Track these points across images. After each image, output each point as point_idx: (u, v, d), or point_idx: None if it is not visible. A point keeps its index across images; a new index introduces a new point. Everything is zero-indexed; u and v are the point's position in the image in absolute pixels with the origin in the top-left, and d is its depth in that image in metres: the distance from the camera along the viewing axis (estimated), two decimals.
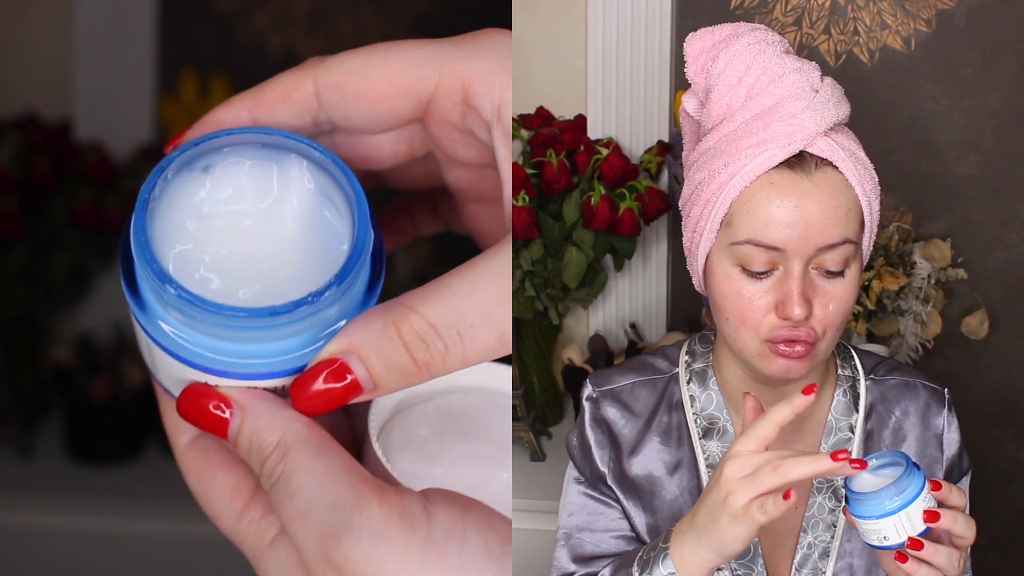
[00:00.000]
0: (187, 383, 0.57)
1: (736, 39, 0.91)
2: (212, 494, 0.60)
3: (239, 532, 0.59)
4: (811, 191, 0.85)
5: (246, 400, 0.57)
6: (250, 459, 0.57)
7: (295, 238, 0.57)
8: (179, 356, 0.55)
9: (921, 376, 1.02)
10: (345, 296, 0.55)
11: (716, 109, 0.91)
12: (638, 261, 1.67)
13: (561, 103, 1.67)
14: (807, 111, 0.86)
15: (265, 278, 0.56)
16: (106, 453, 2.01)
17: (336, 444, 0.57)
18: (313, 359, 0.55)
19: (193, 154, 0.57)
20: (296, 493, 0.54)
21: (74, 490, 1.95)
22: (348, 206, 0.57)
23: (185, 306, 0.53)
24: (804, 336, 0.86)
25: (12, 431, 2.02)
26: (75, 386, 2.00)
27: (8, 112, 2.02)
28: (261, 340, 0.54)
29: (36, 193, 1.93)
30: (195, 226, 0.56)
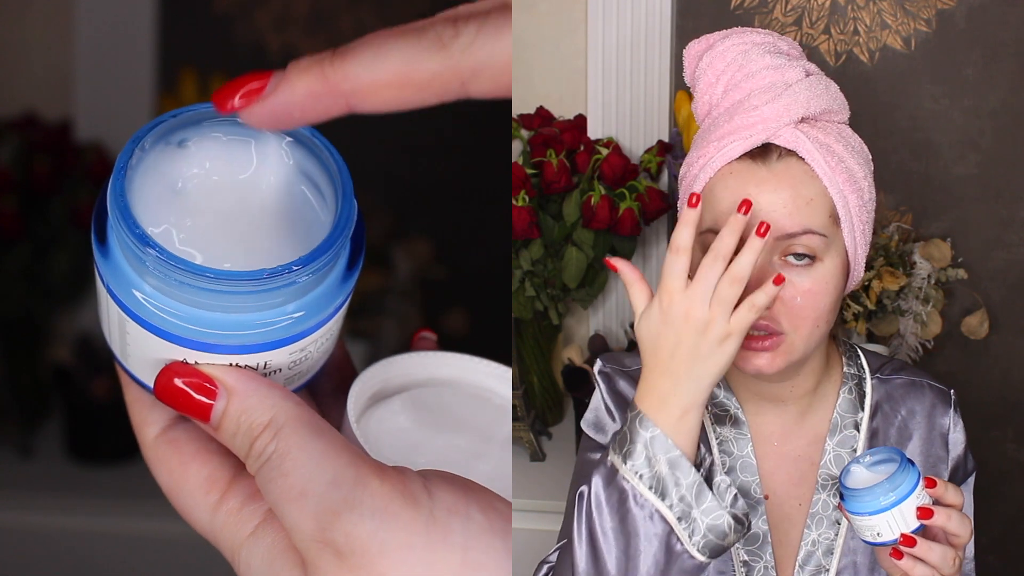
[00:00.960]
0: (161, 364, 0.55)
1: (723, 40, 0.93)
2: (184, 487, 0.58)
3: (215, 525, 0.57)
4: (767, 179, 0.86)
5: (232, 380, 0.55)
6: (235, 441, 0.55)
7: (273, 213, 0.56)
8: (157, 329, 0.54)
9: (927, 376, 1.02)
10: (327, 268, 0.54)
11: (700, 107, 0.94)
12: (638, 261, 1.67)
13: (561, 103, 1.67)
14: (770, 103, 0.87)
15: (245, 250, 0.55)
16: (106, 453, 2.01)
17: (328, 424, 0.55)
18: None
19: (169, 127, 0.56)
20: (291, 472, 0.53)
21: (74, 490, 1.95)
22: (331, 184, 0.57)
23: (171, 272, 0.51)
24: (763, 326, 0.85)
25: (12, 431, 2.03)
26: (75, 386, 2.00)
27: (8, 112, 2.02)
28: (244, 309, 0.53)
29: (36, 193, 1.93)
30: (171, 200, 0.55)
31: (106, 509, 1.91)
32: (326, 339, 0.58)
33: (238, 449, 0.55)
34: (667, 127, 1.64)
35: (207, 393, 0.55)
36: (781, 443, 0.97)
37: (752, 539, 0.96)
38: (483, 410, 0.69)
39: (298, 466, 0.53)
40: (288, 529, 0.53)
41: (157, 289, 0.53)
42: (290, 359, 0.56)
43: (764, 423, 0.98)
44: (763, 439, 0.98)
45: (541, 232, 1.49)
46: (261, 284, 0.52)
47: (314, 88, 0.53)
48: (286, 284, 0.52)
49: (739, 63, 0.90)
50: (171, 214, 0.54)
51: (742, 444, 0.97)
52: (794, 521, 0.97)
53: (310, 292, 0.54)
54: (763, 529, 0.96)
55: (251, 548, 0.56)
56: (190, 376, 0.55)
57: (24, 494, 1.93)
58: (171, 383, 0.55)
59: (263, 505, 0.56)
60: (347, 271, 0.57)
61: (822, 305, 0.87)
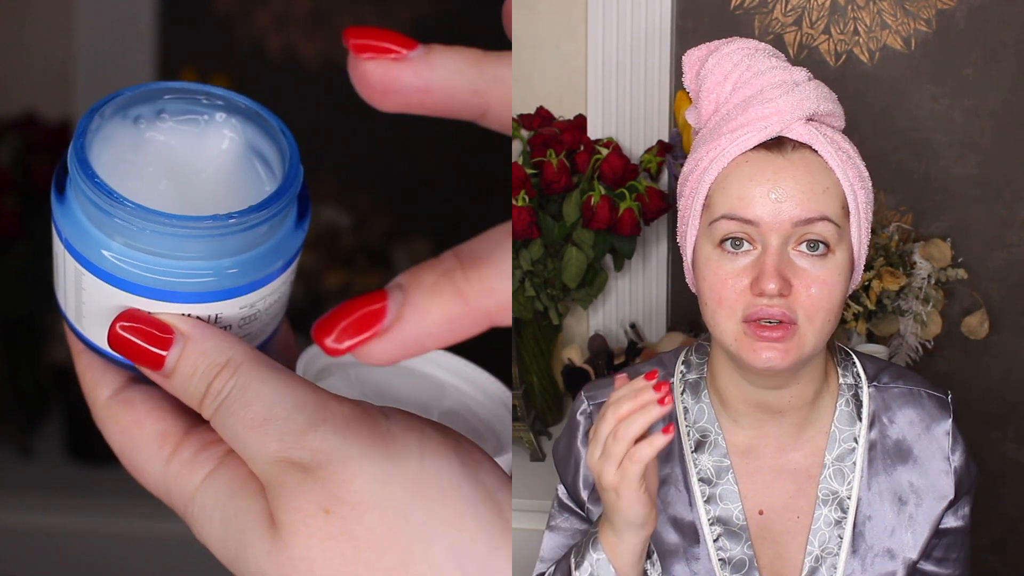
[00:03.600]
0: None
1: (727, 44, 0.94)
2: (137, 444, 0.59)
3: (168, 477, 0.57)
4: (785, 167, 0.87)
5: (188, 326, 0.56)
6: (191, 383, 0.55)
7: (225, 190, 0.58)
8: (123, 282, 0.55)
9: (924, 384, 1.01)
10: (274, 223, 0.56)
11: (705, 106, 0.94)
12: (638, 261, 1.67)
13: (561, 103, 1.67)
14: (785, 96, 0.88)
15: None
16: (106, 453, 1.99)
17: (283, 366, 0.56)
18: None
19: (127, 100, 0.58)
20: (253, 401, 0.54)
21: (74, 490, 1.95)
22: (280, 157, 0.59)
23: (139, 220, 0.53)
24: (781, 316, 0.85)
25: (12, 431, 2.03)
26: (75, 386, 2.00)
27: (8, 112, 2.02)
28: (197, 256, 0.55)
29: (36, 193, 1.93)
30: (123, 171, 0.57)
31: (106, 509, 1.91)
32: (274, 299, 0.59)
33: (193, 391, 0.55)
34: (667, 127, 1.64)
35: (161, 342, 0.56)
36: (777, 456, 0.97)
37: (738, 566, 0.95)
38: (422, 387, 0.72)
39: (260, 395, 0.54)
40: (249, 459, 0.54)
41: (114, 239, 0.55)
42: (240, 314, 0.58)
43: (759, 436, 0.97)
44: (758, 452, 0.97)
45: (541, 232, 1.49)
46: (212, 228, 0.53)
47: (453, 312, 0.52)
48: (235, 230, 0.54)
49: (747, 63, 0.91)
50: (123, 184, 0.56)
51: (721, 471, 0.97)
52: (793, 534, 0.96)
53: (259, 245, 0.56)
54: (748, 555, 0.95)
55: (205, 491, 0.56)
56: (145, 322, 0.56)
57: (24, 494, 1.93)
58: (126, 328, 0.56)
59: (216, 452, 0.57)
60: (294, 229, 0.58)
61: (835, 298, 0.87)
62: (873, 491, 0.96)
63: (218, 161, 0.59)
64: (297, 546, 0.52)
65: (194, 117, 0.60)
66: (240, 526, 0.54)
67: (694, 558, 0.96)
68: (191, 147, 0.59)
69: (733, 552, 0.95)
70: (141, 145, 0.59)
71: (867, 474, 0.96)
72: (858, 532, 0.96)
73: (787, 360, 0.86)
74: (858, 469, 0.96)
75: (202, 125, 0.60)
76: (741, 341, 0.87)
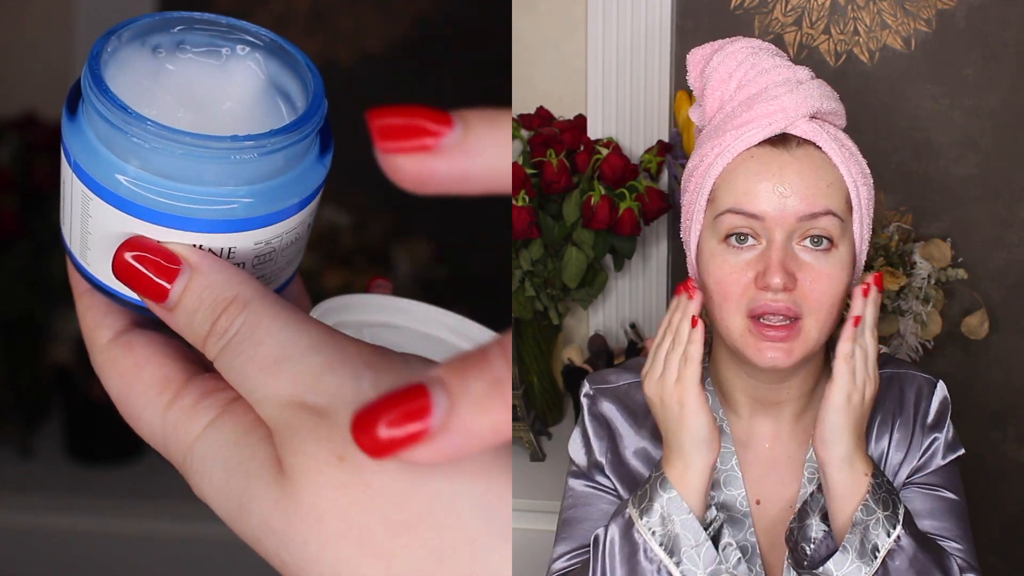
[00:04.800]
0: None
1: (731, 44, 0.96)
2: (136, 388, 0.54)
3: (167, 424, 0.53)
4: (790, 162, 0.88)
5: (196, 257, 0.52)
6: (196, 318, 0.51)
7: (244, 121, 0.56)
8: (133, 206, 0.52)
9: (914, 368, 1.02)
10: (294, 153, 0.54)
11: (710, 104, 0.95)
12: (638, 261, 1.67)
13: (561, 103, 1.67)
14: (789, 94, 0.89)
15: None
16: (106, 453, 2.01)
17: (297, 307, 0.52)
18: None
19: (145, 27, 0.56)
20: (264, 341, 0.50)
21: (74, 490, 1.95)
22: (304, 92, 0.57)
23: (154, 138, 0.51)
24: (786, 311, 0.86)
25: (12, 431, 2.02)
26: (75, 386, 2.00)
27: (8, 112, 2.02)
28: (224, 179, 0.52)
29: (36, 193, 1.93)
30: (141, 99, 0.55)
31: (106, 509, 1.91)
32: (291, 239, 0.57)
33: (197, 328, 0.52)
34: (667, 127, 1.64)
35: (167, 272, 0.52)
36: (772, 446, 0.98)
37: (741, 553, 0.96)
38: (439, 353, 0.70)
39: (272, 334, 0.50)
40: (257, 402, 0.50)
41: (126, 160, 0.52)
42: (255, 250, 0.55)
43: (757, 427, 0.98)
44: (755, 444, 0.98)
45: (541, 232, 1.49)
46: (230, 149, 0.51)
47: (502, 422, 0.47)
48: (252, 154, 0.52)
49: (751, 62, 0.92)
50: (138, 110, 0.53)
51: (726, 457, 0.97)
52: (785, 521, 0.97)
53: (277, 176, 0.54)
54: (750, 541, 0.96)
55: (206, 440, 0.52)
56: (151, 250, 0.52)
57: (24, 494, 1.93)
58: (131, 256, 0.52)
59: (220, 399, 0.53)
60: (315, 164, 0.56)
61: (837, 292, 0.88)
62: None
63: (238, 94, 0.56)
64: (307, 494, 0.48)
65: (215, 49, 0.57)
66: (245, 473, 0.50)
67: None
68: (211, 79, 0.56)
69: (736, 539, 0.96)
70: (159, 74, 0.56)
71: None
72: None
73: (791, 359, 0.88)
74: None
75: (224, 58, 0.57)
76: (746, 338, 0.88)
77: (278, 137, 0.52)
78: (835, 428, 0.87)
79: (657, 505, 0.87)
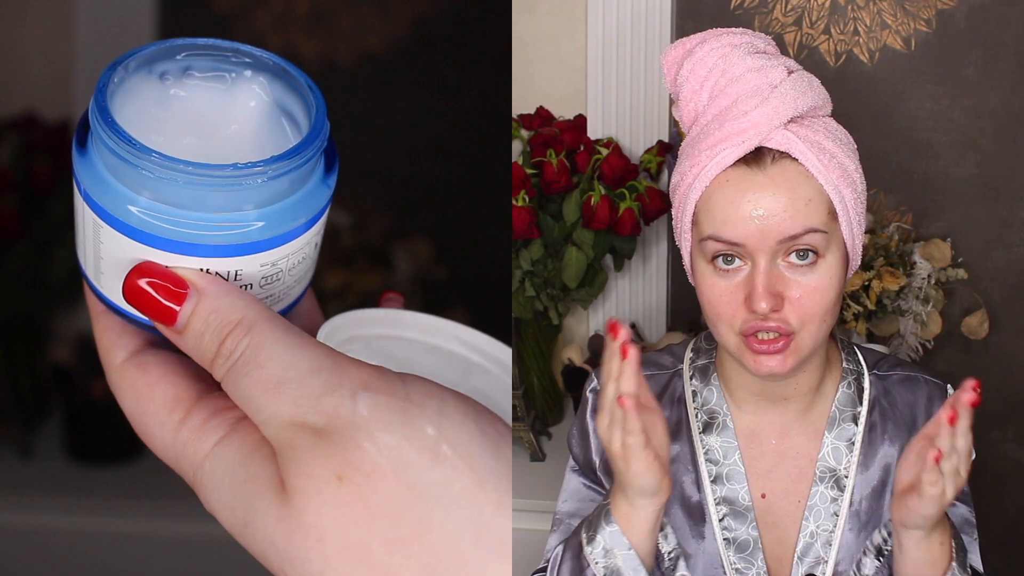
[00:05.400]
0: None
1: (702, 45, 0.93)
2: (149, 409, 0.57)
3: (178, 443, 0.55)
4: (765, 185, 0.87)
5: (203, 282, 0.54)
6: (203, 341, 0.54)
7: (251, 149, 0.57)
8: (141, 234, 0.54)
9: (924, 371, 1.03)
10: (298, 176, 0.55)
11: (685, 114, 0.94)
12: (638, 261, 1.67)
13: (561, 103, 1.67)
14: (759, 107, 0.87)
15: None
16: (106, 453, 2.01)
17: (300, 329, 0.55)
18: None
19: (151, 56, 0.57)
20: (266, 363, 0.52)
21: (74, 490, 1.95)
22: (307, 114, 0.58)
23: (159, 169, 0.52)
24: (774, 327, 0.87)
25: (12, 431, 2.02)
26: (75, 386, 2.00)
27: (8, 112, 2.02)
28: (229, 205, 0.53)
29: (36, 193, 1.93)
30: (149, 126, 0.56)
31: (106, 509, 1.91)
32: (298, 260, 0.58)
33: (205, 350, 0.54)
34: (667, 127, 1.64)
35: (175, 296, 0.54)
36: (780, 440, 0.98)
37: (743, 546, 0.96)
38: (448, 364, 0.70)
39: (274, 357, 0.52)
40: (261, 423, 0.52)
41: (134, 191, 0.54)
42: (261, 272, 0.56)
43: (763, 421, 0.98)
44: (761, 438, 0.98)
45: (541, 232, 1.49)
46: (235, 177, 0.52)
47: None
48: (257, 180, 0.53)
49: (721, 68, 0.90)
50: (146, 138, 0.54)
51: (729, 452, 0.98)
52: (794, 517, 0.97)
53: (282, 199, 0.55)
54: (753, 535, 0.96)
55: (215, 458, 0.54)
56: (160, 275, 0.54)
57: (24, 494, 1.93)
58: (140, 280, 0.55)
59: (228, 419, 0.55)
60: (320, 184, 0.57)
61: (828, 300, 0.88)
62: (871, 470, 0.98)
63: (245, 118, 0.58)
64: (308, 513, 0.50)
65: (221, 74, 0.58)
66: (249, 492, 0.52)
67: (700, 537, 0.97)
68: (218, 104, 0.58)
69: (738, 532, 0.96)
70: (166, 101, 0.57)
71: (865, 454, 0.98)
72: (854, 511, 0.97)
73: (787, 366, 0.88)
74: (857, 448, 0.97)
75: (229, 82, 0.58)
76: (743, 352, 0.90)
77: (281, 163, 0.53)
78: (921, 524, 0.86)
79: (600, 537, 0.88)
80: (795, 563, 0.96)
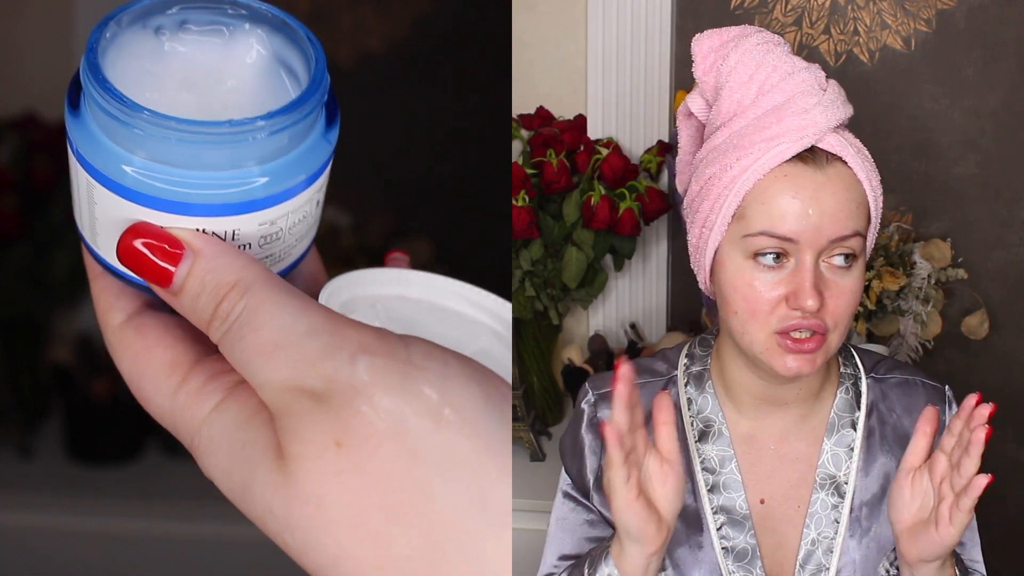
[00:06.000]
0: None
1: (745, 39, 0.93)
2: (147, 372, 0.55)
3: (176, 406, 0.54)
4: (824, 184, 0.87)
5: (199, 242, 0.53)
6: (199, 303, 0.52)
7: (251, 103, 0.55)
8: (135, 194, 0.52)
9: (921, 374, 1.02)
10: (297, 132, 0.53)
11: (727, 106, 0.92)
12: (638, 261, 1.67)
13: (561, 103, 1.67)
14: (818, 107, 0.88)
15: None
16: (106, 453, 2.01)
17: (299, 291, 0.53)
18: None
19: (145, 10, 0.56)
20: (263, 325, 0.50)
21: (74, 490, 1.95)
22: (307, 67, 0.56)
23: (153, 127, 0.50)
24: (815, 327, 0.87)
25: (12, 431, 2.02)
26: (75, 386, 2.00)
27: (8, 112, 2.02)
28: (226, 163, 0.52)
29: (36, 193, 1.93)
30: (144, 82, 0.54)
31: (106, 509, 1.91)
32: (298, 218, 0.57)
33: (201, 312, 0.52)
34: (667, 127, 1.64)
35: (170, 257, 0.53)
36: (779, 446, 0.98)
37: (740, 555, 0.96)
38: (455, 325, 0.68)
39: (271, 319, 0.50)
40: (258, 386, 0.51)
41: (129, 150, 0.52)
42: (260, 231, 0.55)
43: (763, 426, 0.98)
44: (759, 442, 0.98)
45: (541, 232, 1.49)
46: (230, 133, 0.51)
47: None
48: (255, 136, 0.51)
49: (772, 63, 0.90)
50: (141, 95, 0.53)
51: (725, 460, 0.97)
52: (794, 523, 0.97)
53: (281, 155, 0.53)
54: (750, 543, 0.96)
55: (212, 423, 0.53)
56: (155, 235, 0.53)
57: (24, 494, 1.93)
58: (135, 242, 0.53)
59: (226, 382, 0.54)
60: (320, 140, 0.55)
61: (856, 303, 0.89)
62: (871, 476, 0.97)
63: (243, 72, 0.56)
64: (306, 480, 0.48)
65: (219, 28, 0.56)
66: (247, 458, 0.51)
67: (698, 547, 0.97)
68: (215, 58, 0.56)
69: (736, 541, 0.96)
70: (161, 56, 0.55)
71: (865, 459, 0.97)
72: (855, 517, 0.97)
73: (813, 367, 0.88)
74: (856, 454, 0.97)
75: (227, 36, 0.57)
76: (771, 351, 0.89)
77: (279, 118, 0.52)
78: (943, 552, 0.86)
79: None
80: (797, 571, 0.96)
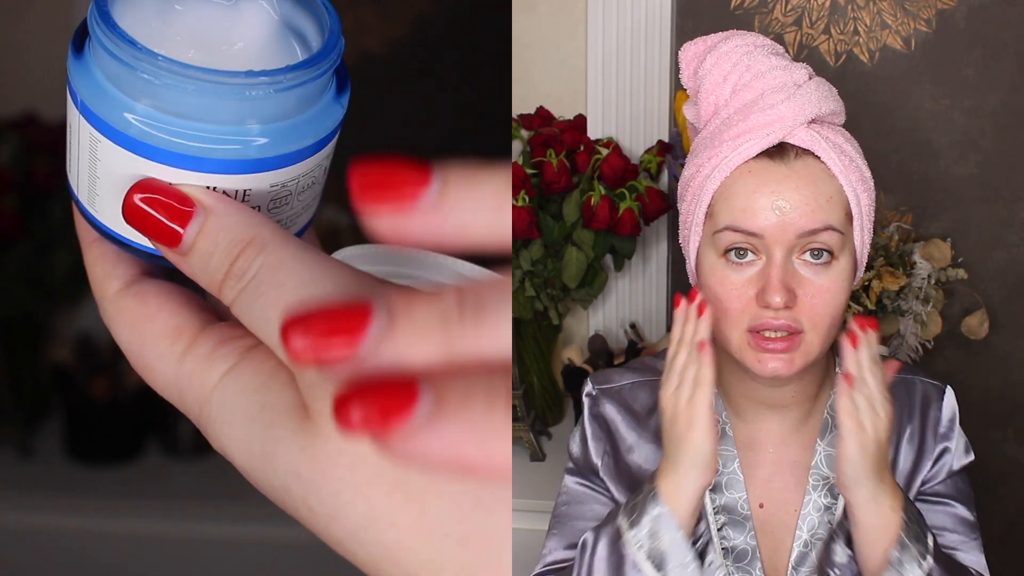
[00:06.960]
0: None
1: (725, 42, 0.93)
2: (148, 338, 0.52)
3: (182, 374, 0.50)
4: (788, 176, 0.86)
5: (211, 200, 0.49)
6: (211, 262, 0.49)
7: (257, 62, 0.54)
8: (144, 147, 0.50)
9: (921, 373, 1.02)
10: (308, 93, 0.53)
11: (704, 108, 0.93)
12: (638, 261, 1.67)
13: (561, 103, 1.67)
14: (786, 102, 0.87)
15: None
16: (106, 453, 2.01)
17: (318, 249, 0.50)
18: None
19: None
20: (286, 281, 0.47)
21: (74, 490, 1.95)
22: (320, 32, 0.55)
23: (165, 73, 0.49)
24: (787, 327, 0.86)
25: (12, 431, 2.02)
26: (75, 386, 2.00)
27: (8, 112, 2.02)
28: (238, 118, 0.50)
29: (36, 193, 1.93)
30: (149, 37, 0.52)
31: (106, 509, 1.91)
32: (307, 183, 0.55)
33: (213, 271, 0.49)
34: (667, 127, 1.64)
35: (180, 215, 0.49)
36: (777, 449, 0.97)
37: (740, 556, 0.96)
38: None
39: (294, 275, 0.47)
40: (278, 345, 0.47)
41: (136, 99, 0.50)
42: (270, 193, 0.53)
43: (761, 430, 0.97)
44: (759, 447, 0.97)
45: (541, 232, 1.49)
46: (243, 85, 0.49)
47: (433, 360, 0.44)
48: (266, 91, 0.50)
49: (746, 63, 0.90)
50: (153, 42, 0.52)
51: (728, 460, 0.97)
52: (789, 527, 0.97)
53: (291, 116, 0.52)
54: (751, 545, 0.96)
55: (224, 389, 0.49)
56: (163, 192, 0.49)
57: (24, 494, 1.93)
58: (142, 199, 0.50)
59: (238, 347, 0.50)
60: (331, 104, 0.54)
61: (838, 303, 0.88)
62: None
63: (251, 35, 0.54)
64: (337, 438, 0.45)
65: None
66: (267, 421, 0.47)
67: None
68: (223, 20, 0.53)
69: (736, 542, 0.96)
70: (168, 15, 0.53)
71: None
72: None
73: (792, 368, 0.87)
74: None
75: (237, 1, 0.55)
76: (746, 351, 0.88)
77: (294, 73, 0.51)
78: (855, 475, 0.85)
79: (646, 520, 0.86)
80: (790, 572, 0.96)
